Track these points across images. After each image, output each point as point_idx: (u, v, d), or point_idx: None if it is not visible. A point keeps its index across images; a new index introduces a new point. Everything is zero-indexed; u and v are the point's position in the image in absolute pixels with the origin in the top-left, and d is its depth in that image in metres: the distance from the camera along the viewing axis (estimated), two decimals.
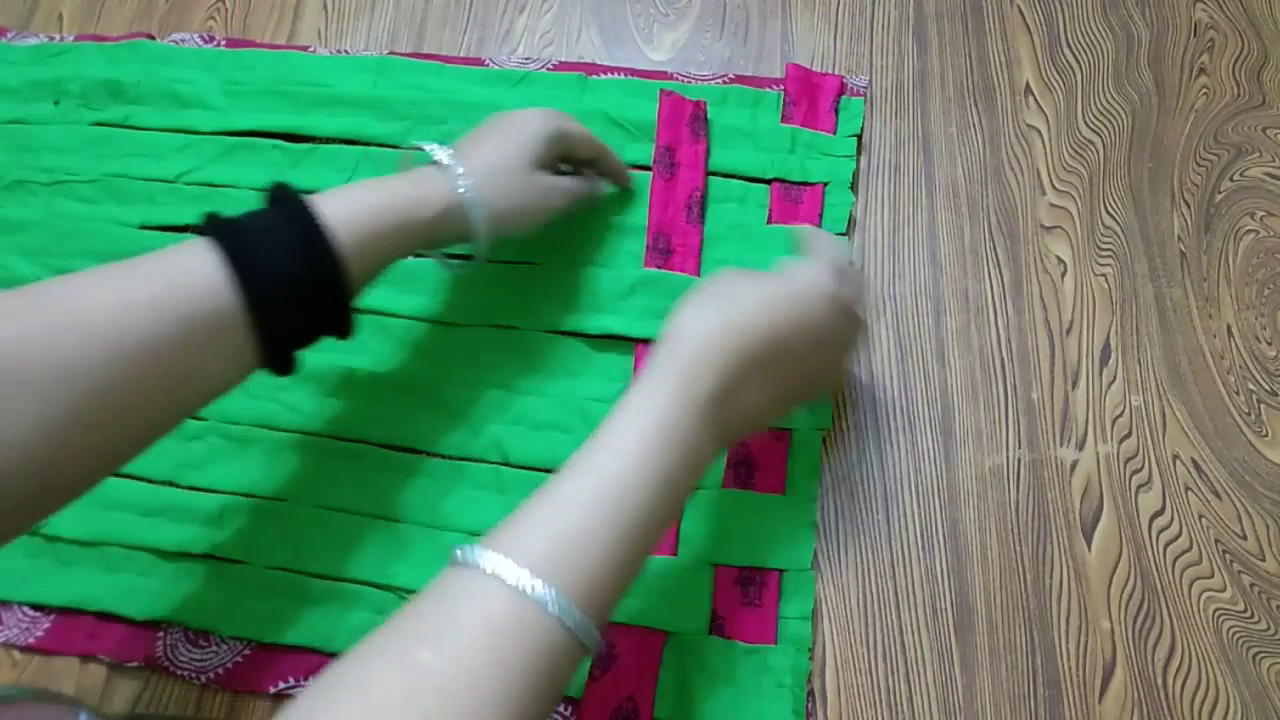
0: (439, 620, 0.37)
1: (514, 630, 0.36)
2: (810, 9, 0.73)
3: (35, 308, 0.41)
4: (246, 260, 0.44)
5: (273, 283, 0.45)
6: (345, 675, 0.35)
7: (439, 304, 0.62)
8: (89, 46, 0.74)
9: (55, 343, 0.39)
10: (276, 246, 0.45)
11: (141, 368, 0.41)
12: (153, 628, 0.56)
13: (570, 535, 0.39)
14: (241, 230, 0.45)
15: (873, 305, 0.62)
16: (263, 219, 0.46)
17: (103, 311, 0.41)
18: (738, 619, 0.54)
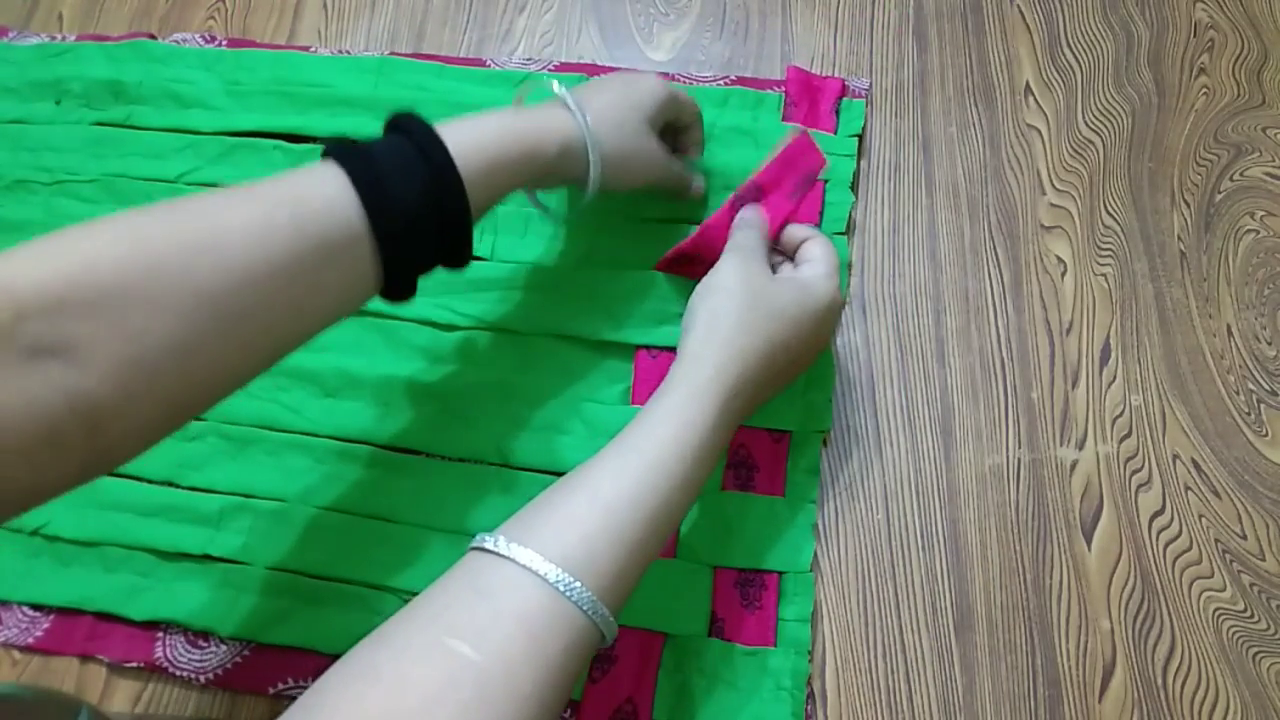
0: (476, 613, 0.37)
1: (550, 627, 0.38)
2: (810, 9, 0.73)
3: (173, 229, 0.40)
4: (378, 189, 0.44)
5: (401, 211, 0.45)
6: (380, 665, 0.35)
7: (439, 307, 0.62)
8: (90, 46, 0.74)
9: (193, 266, 0.39)
10: (407, 176, 0.45)
11: (273, 291, 0.42)
12: (152, 628, 0.56)
13: (603, 533, 0.41)
14: (372, 158, 0.45)
15: (873, 305, 0.62)
16: (393, 148, 0.46)
17: (240, 234, 0.41)
18: (737, 621, 0.54)
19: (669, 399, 0.46)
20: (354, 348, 0.62)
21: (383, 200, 0.44)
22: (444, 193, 0.47)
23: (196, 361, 0.40)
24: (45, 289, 0.36)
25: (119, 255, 0.38)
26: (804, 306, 0.51)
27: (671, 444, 0.44)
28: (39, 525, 0.58)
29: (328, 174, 0.44)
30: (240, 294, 0.40)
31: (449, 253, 0.49)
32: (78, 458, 0.37)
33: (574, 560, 0.39)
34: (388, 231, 0.45)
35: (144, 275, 0.38)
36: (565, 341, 0.61)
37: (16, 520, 0.57)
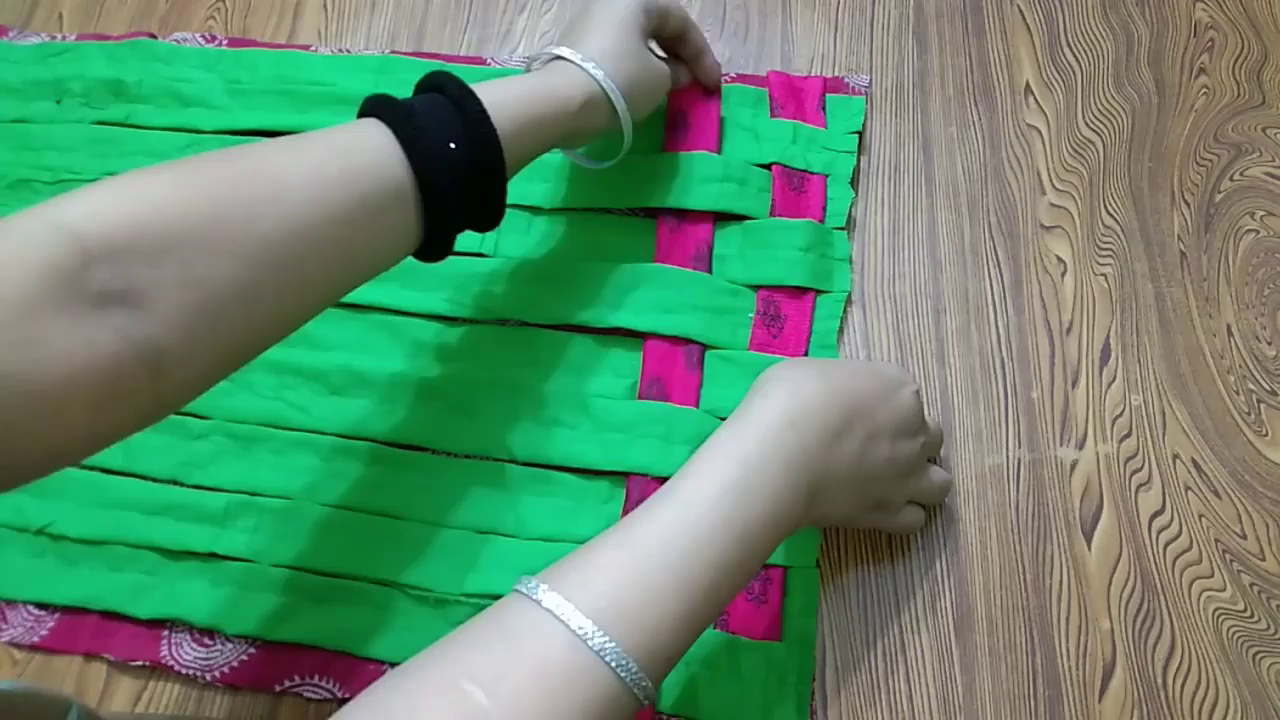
0: (495, 656, 0.36)
1: (569, 679, 0.35)
2: (810, 9, 0.73)
3: (237, 177, 0.41)
4: (420, 143, 0.46)
5: (443, 165, 0.46)
6: (395, 699, 0.35)
7: (444, 301, 0.63)
8: (90, 46, 0.74)
9: (257, 213, 0.40)
10: (446, 131, 0.47)
11: (329, 240, 0.43)
12: (158, 627, 0.56)
13: (636, 585, 0.38)
14: (414, 115, 0.46)
15: (873, 305, 0.62)
16: (431, 104, 0.48)
17: (300, 182, 0.42)
18: (742, 615, 0.54)
19: (714, 442, 0.43)
20: (358, 345, 0.62)
21: (425, 154, 0.46)
22: (481, 146, 0.48)
23: (257, 307, 0.41)
24: (112, 234, 0.36)
25: (186, 202, 0.39)
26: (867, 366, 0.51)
27: (713, 486, 0.41)
28: (44, 524, 0.58)
29: (372, 129, 0.46)
30: (298, 242, 0.42)
31: (482, 211, 0.51)
32: (141, 403, 0.38)
33: (602, 612, 0.37)
34: (431, 183, 0.46)
35: (209, 222, 0.39)
36: (571, 336, 0.61)
37: (22, 519, 0.58)
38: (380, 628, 0.55)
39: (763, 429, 0.43)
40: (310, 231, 0.42)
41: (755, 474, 0.42)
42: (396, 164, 0.45)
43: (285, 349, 0.61)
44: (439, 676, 0.35)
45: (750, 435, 0.43)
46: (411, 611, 0.55)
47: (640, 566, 0.39)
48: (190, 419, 0.61)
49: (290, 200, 0.41)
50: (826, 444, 0.44)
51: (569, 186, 0.66)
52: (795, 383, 0.45)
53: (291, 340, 0.61)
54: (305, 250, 0.42)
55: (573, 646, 0.36)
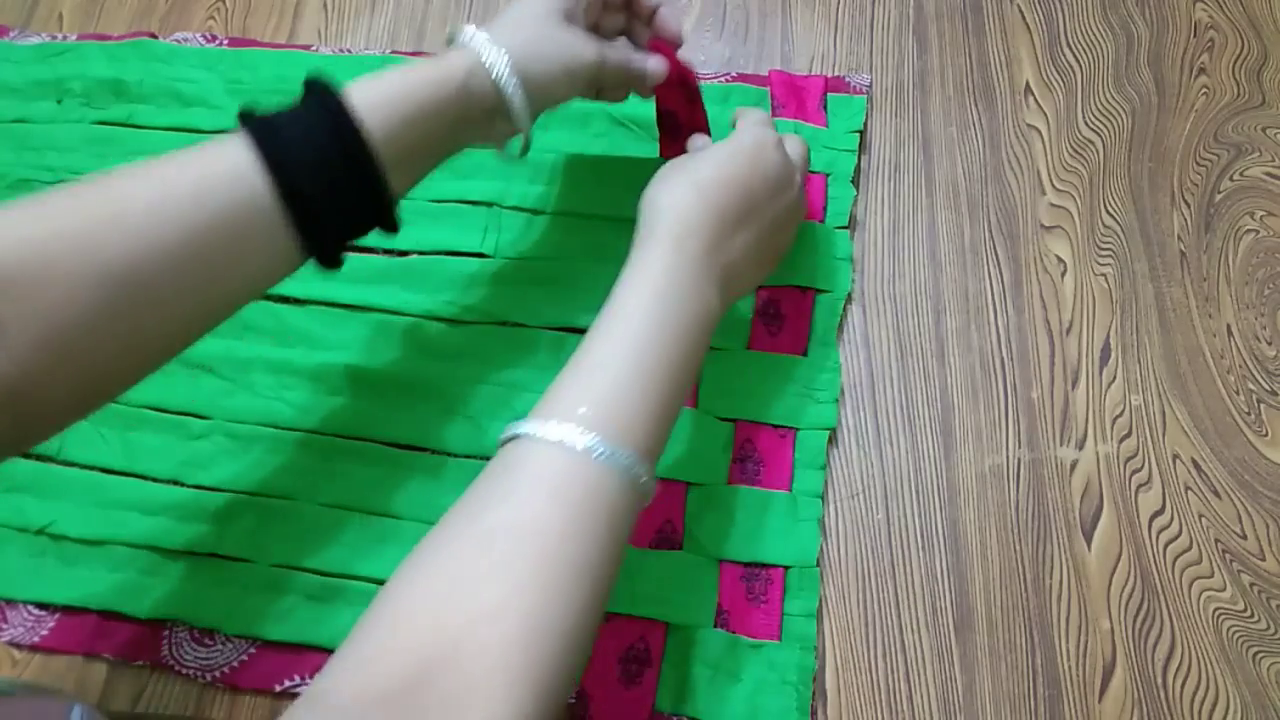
0: (501, 487, 0.40)
1: (569, 478, 0.40)
2: (810, 9, 0.73)
3: (76, 204, 0.41)
4: (277, 149, 0.44)
5: (303, 170, 0.44)
6: (425, 554, 0.39)
7: (443, 301, 0.63)
8: (91, 45, 0.74)
9: (95, 237, 0.40)
10: (306, 134, 0.45)
11: (181, 260, 0.42)
12: (158, 626, 0.56)
13: (604, 391, 0.43)
14: (272, 122, 0.45)
15: (873, 305, 0.62)
16: (294, 109, 0.46)
17: (142, 203, 0.41)
18: (743, 614, 0.54)
19: (621, 277, 0.48)
20: (359, 346, 0.62)
21: (281, 160, 0.43)
22: (346, 146, 0.45)
23: (109, 336, 0.40)
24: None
25: (24, 235, 0.39)
26: (722, 150, 0.53)
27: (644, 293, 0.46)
28: (45, 524, 0.58)
29: (228, 142, 0.44)
30: (146, 266, 0.41)
31: (370, 214, 0.48)
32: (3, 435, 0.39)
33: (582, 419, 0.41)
34: (291, 192, 0.44)
35: (50, 252, 0.39)
36: (571, 337, 0.61)
37: (22, 519, 0.58)
38: None
39: (665, 254, 0.47)
40: (158, 253, 0.41)
41: (672, 285, 0.47)
42: (252, 174, 0.43)
43: (285, 349, 0.62)
44: (458, 522, 0.40)
45: (655, 260, 0.47)
46: None
47: (601, 378, 0.43)
48: (190, 419, 0.61)
49: (132, 223, 0.41)
50: (720, 245, 0.49)
51: (569, 189, 0.66)
52: (675, 210, 0.49)
53: (291, 340, 0.62)
54: (156, 272, 0.41)
55: (563, 453, 0.40)
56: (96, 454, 0.60)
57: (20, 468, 0.60)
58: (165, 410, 0.61)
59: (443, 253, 0.65)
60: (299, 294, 0.63)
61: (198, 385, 0.61)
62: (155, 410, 0.61)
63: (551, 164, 0.67)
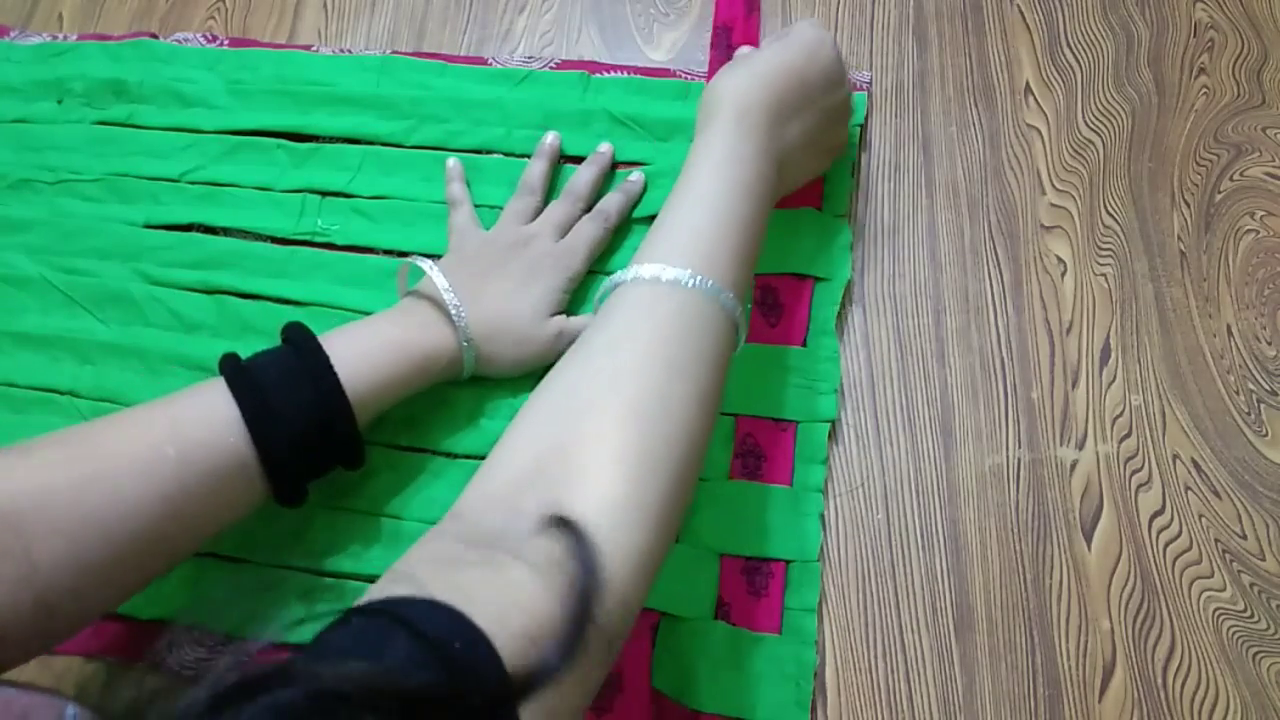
0: (600, 321, 0.46)
1: (658, 300, 0.45)
2: (810, 9, 0.73)
3: (67, 457, 0.44)
4: (265, 416, 0.47)
5: (288, 435, 0.48)
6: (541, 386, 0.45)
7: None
8: (92, 46, 0.74)
9: (85, 493, 0.43)
10: (294, 401, 0.48)
11: (162, 516, 0.45)
12: (156, 627, 0.56)
13: (686, 239, 0.48)
14: (260, 383, 0.48)
15: (873, 305, 0.62)
16: (280, 369, 0.49)
17: (128, 466, 0.44)
18: (743, 607, 0.54)
19: (693, 147, 0.52)
20: None
21: (270, 429, 0.47)
22: (331, 413, 0.49)
23: (94, 576, 0.43)
24: None
25: (21, 482, 0.42)
26: (781, 43, 0.57)
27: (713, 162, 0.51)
28: None
29: (215, 400, 0.47)
30: (130, 520, 0.44)
31: (337, 460, 0.52)
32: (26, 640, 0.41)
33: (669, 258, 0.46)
34: (274, 454, 0.47)
35: (37, 502, 0.42)
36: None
37: None
38: None
39: (727, 131, 0.52)
40: (142, 510, 0.44)
41: (736, 152, 0.51)
42: (238, 440, 0.47)
43: None
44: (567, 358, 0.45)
45: (718, 137, 0.52)
46: None
47: (688, 231, 0.48)
48: None
49: (118, 482, 0.44)
50: (778, 127, 0.54)
51: None
52: (735, 94, 0.53)
53: None
54: (138, 525, 0.44)
55: (654, 285, 0.45)
56: None
57: None
58: None
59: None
60: (299, 295, 0.63)
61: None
62: None
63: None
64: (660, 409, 0.42)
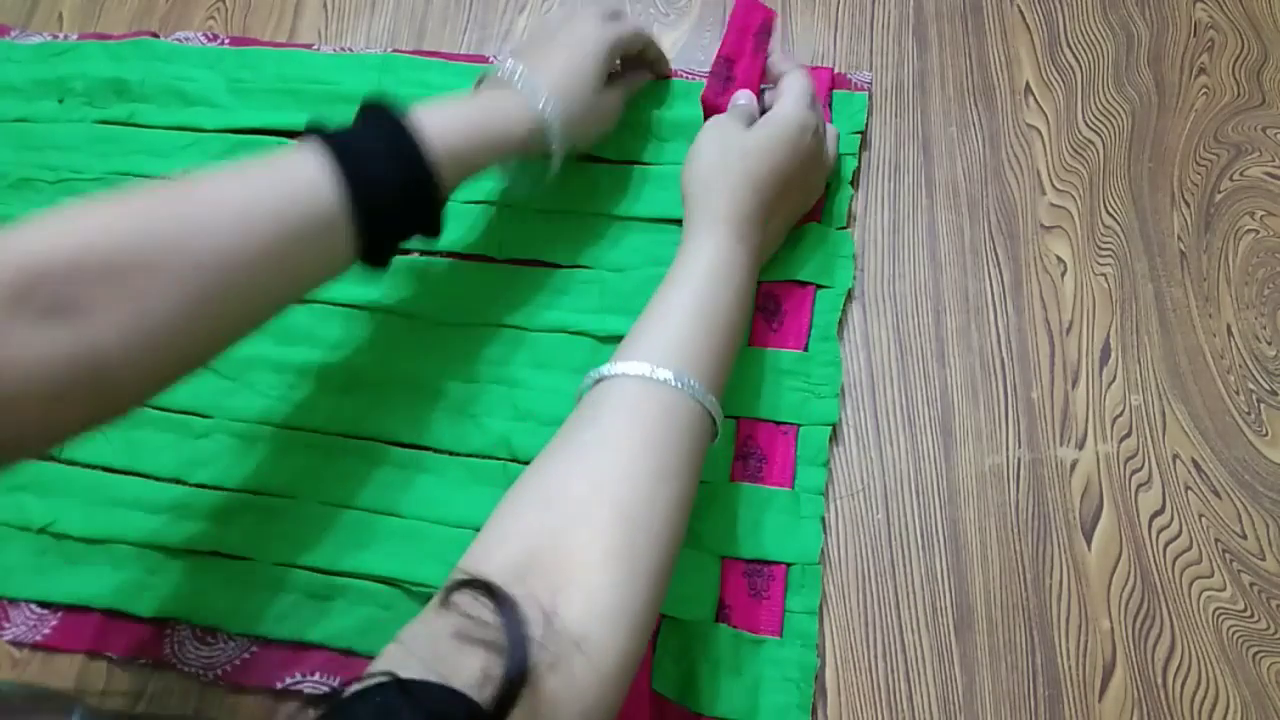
0: (588, 415, 0.47)
1: (646, 401, 0.47)
2: (810, 9, 0.73)
3: (173, 209, 0.44)
4: (355, 173, 0.48)
5: (377, 193, 0.49)
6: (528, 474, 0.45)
7: (447, 304, 0.63)
8: (93, 45, 0.74)
9: (190, 242, 0.43)
10: (381, 160, 0.49)
11: (258, 268, 0.46)
12: (160, 625, 0.56)
13: (671, 339, 0.49)
14: (349, 143, 0.49)
15: (873, 305, 0.62)
16: (367, 132, 0.50)
17: (230, 217, 0.45)
18: (745, 610, 0.54)
19: (686, 247, 0.54)
20: (361, 345, 0.62)
21: (361, 188, 0.48)
22: (418, 179, 0.50)
23: (191, 325, 0.44)
24: (59, 256, 0.40)
25: (125, 229, 0.42)
26: (771, 135, 0.57)
27: (705, 267, 0.52)
28: (47, 523, 0.58)
29: (309, 160, 0.48)
30: (230, 270, 0.44)
31: (419, 228, 0.53)
32: (87, 407, 0.42)
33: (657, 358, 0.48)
34: (366, 215, 0.48)
35: (146, 249, 0.42)
36: (573, 338, 0.61)
37: (24, 518, 0.58)
38: (382, 626, 0.55)
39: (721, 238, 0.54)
40: (241, 260, 0.45)
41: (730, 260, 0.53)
42: (331, 196, 0.47)
43: (287, 348, 0.62)
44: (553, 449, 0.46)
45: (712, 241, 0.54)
46: (414, 609, 0.55)
47: (671, 329, 0.50)
48: (193, 418, 0.61)
49: (222, 229, 0.44)
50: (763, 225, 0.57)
51: (570, 190, 0.66)
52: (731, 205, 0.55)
53: (294, 339, 0.62)
54: (237, 275, 0.45)
55: (642, 384, 0.47)
56: (98, 453, 0.60)
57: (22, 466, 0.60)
58: (167, 409, 0.61)
59: (445, 253, 0.65)
60: None
61: (199, 384, 0.61)
62: (157, 409, 0.61)
63: None
64: (647, 513, 0.43)
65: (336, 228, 0.48)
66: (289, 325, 0.63)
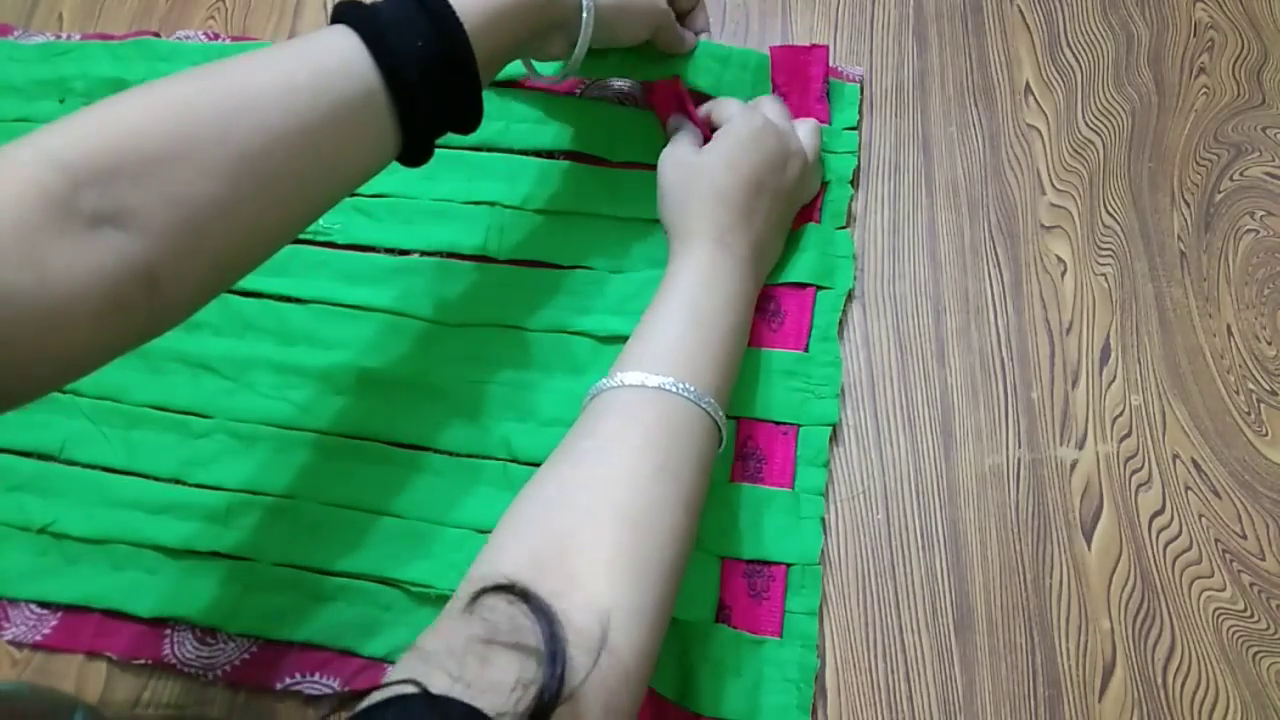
0: (588, 425, 0.47)
1: (644, 406, 0.47)
2: (810, 9, 0.73)
3: (210, 95, 0.42)
4: (386, 45, 0.46)
5: (411, 65, 0.46)
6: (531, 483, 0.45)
7: (448, 304, 0.63)
8: (95, 45, 0.74)
9: (230, 130, 0.41)
10: (413, 30, 0.47)
11: (303, 148, 0.44)
12: (160, 625, 0.56)
13: (667, 346, 0.50)
14: (378, 16, 0.46)
15: (873, 305, 0.62)
16: (397, 4, 0.47)
17: (270, 94, 0.43)
18: (744, 611, 0.54)
19: (671, 265, 0.55)
20: (361, 345, 0.62)
21: (392, 53, 0.46)
22: (449, 41, 0.47)
23: (239, 220, 0.43)
24: (96, 159, 0.38)
25: (163, 124, 0.40)
26: (727, 146, 0.57)
27: (690, 277, 0.53)
28: (47, 523, 0.58)
29: (338, 34, 0.46)
30: (274, 153, 0.43)
31: (458, 109, 0.50)
32: (139, 317, 0.41)
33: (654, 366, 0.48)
34: (401, 83, 0.46)
35: (187, 142, 0.40)
36: (573, 338, 0.61)
37: (24, 518, 0.58)
38: (382, 626, 0.55)
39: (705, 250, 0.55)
40: (284, 141, 0.43)
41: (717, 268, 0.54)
42: (364, 66, 0.45)
43: (287, 348, 0.62)
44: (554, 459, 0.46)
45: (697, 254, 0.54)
46: (413, 610, 0.55)
47: (668, 340, 0.50)
48: (192, 418, 0.61)
49: (261, 113, 0.42)
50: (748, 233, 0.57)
51: (572, 190, 0.66)
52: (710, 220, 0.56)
53: (293, 340, 0.62)
54: (281, 159, 0.43)
55: (640, 391, 0.48)
56: (98, 453, 0.60)
57: (22, 466, 0.60)
58: (167, 409, 0.61)
59: (444, 253, 0.65)
60: (300, 293, 0.63)
61: (199, 384, 0.61)
62: (157, 409, 0.61)
63: (554, 165, 0.67)
64: (650, 513, 0.43)
65: (373, 104, 0.46)
66: (289, 325, 0.63)
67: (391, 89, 0.46)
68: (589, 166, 0.67)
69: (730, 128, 0.58)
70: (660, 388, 0.47)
